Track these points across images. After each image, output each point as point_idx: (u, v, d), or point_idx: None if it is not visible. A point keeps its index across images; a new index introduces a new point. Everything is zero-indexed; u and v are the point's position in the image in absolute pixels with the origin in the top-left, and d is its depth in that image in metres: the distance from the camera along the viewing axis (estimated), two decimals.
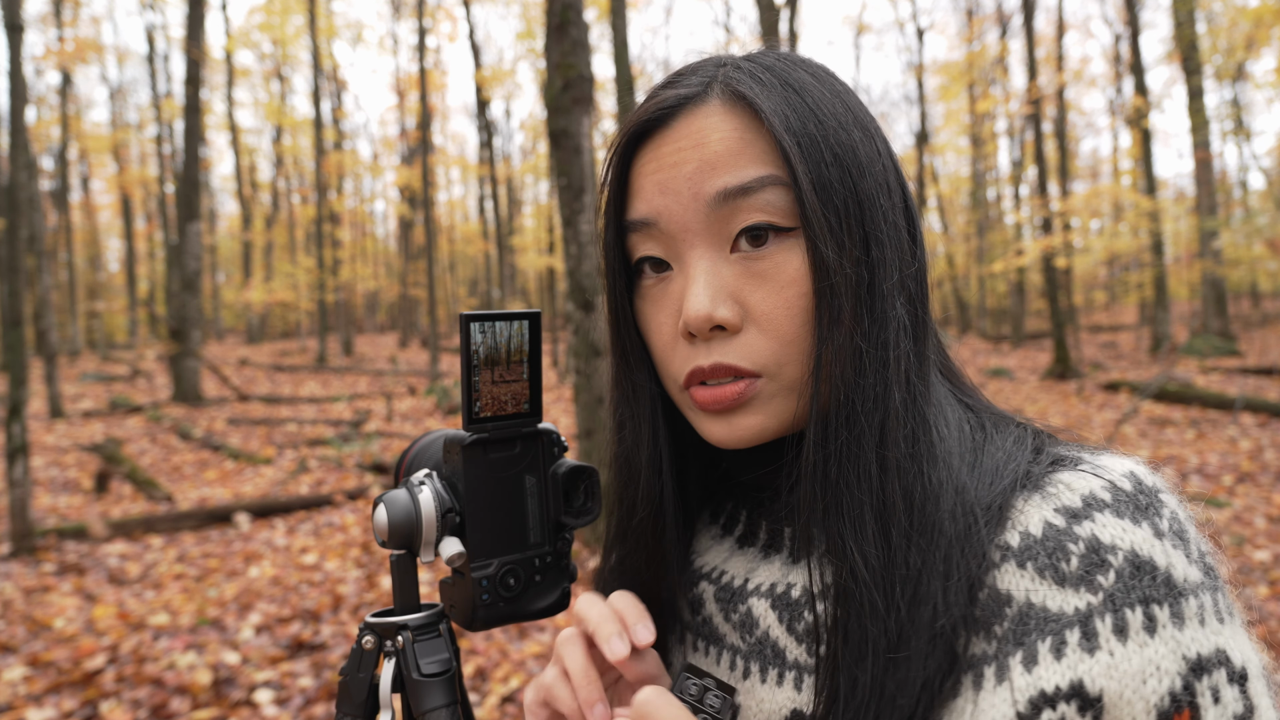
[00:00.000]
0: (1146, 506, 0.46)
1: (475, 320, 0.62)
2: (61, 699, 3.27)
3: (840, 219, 0.53)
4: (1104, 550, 0.45)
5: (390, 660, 0.67)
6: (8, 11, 5.94)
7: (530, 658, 3.59)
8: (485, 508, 0.66)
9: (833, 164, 0.53)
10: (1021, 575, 0.46)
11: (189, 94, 12.51)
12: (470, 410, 0.64)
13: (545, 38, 5.01)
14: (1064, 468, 0.50)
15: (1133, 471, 0.49)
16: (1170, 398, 9.06)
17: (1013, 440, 0.53)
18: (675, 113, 0.56)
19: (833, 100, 0.55)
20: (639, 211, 0.57)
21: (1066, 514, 0.47)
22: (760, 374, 0.54)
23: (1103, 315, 30.49)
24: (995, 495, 0.49)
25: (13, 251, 6.15)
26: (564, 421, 10.24)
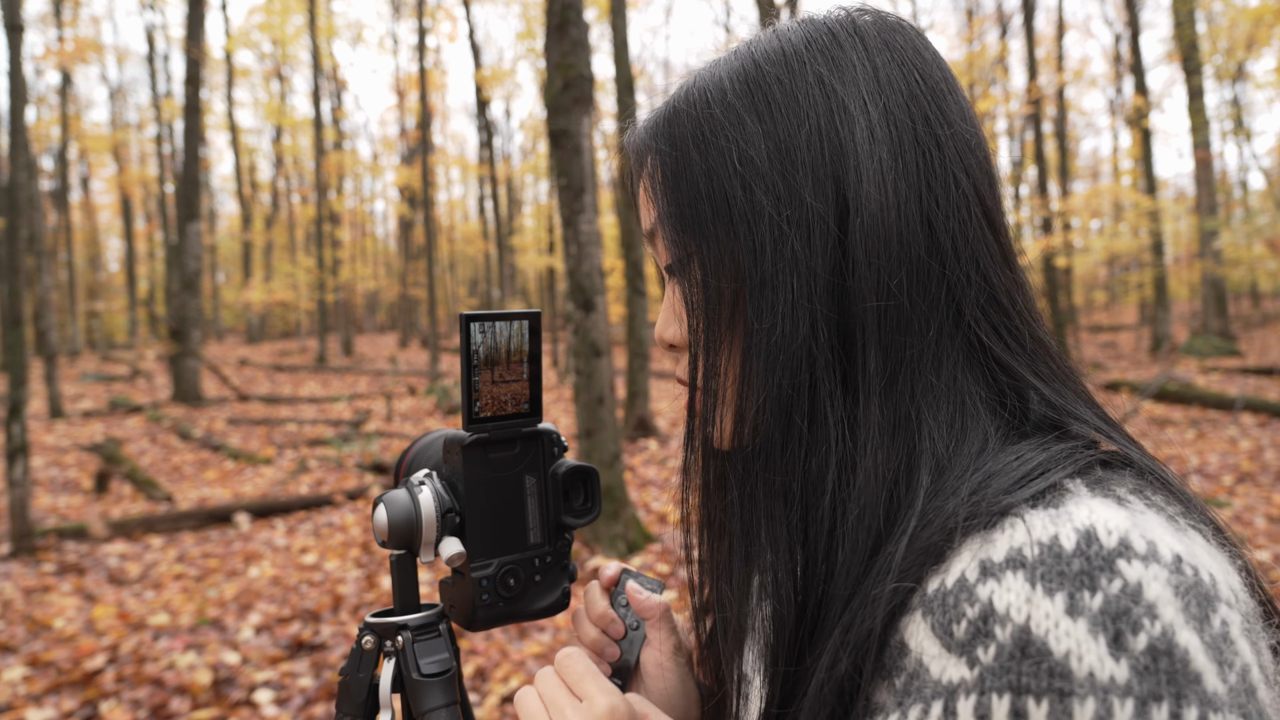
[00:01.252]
0: (1079, 574, 0.37)
1: (475, 320, 0.62)
2: (61, 699, 3.27)
3: (701, 239, 0.54)
4: (994, 619, 0.38)
5: (390, 660, 0.66)
6: (8, 11, 5.94)
7: (530, 658, 3.59)
8: (485, 508, 0.66)
9: (688, 188, 0.54)
10: (921, 628, 0.41)
11: (189, 94, 12.52)
12: (470, 410, 0.64)
13: (545, 38, 5.01)
14: (1037, 505, 0.42)
15: (1092, 526, 0.39)
16: (1170, 398, 9.06)
17: (1014, 461, 0.46)
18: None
19: (708, 118, 0.54)
20: (643, 226, 0.62)
21: (982, 567, 0.40)
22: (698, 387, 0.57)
23: (1103, 315, 30.49)
24: (937, 530, 0.43)
25: (13, 251, 6.15)
26: (564, 421, 10.24)
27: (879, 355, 0.49)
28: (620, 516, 5.05)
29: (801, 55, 0.54)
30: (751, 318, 0.52)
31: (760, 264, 0.51)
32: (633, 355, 8.57)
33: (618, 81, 8.85)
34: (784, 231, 0.51)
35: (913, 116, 0.52)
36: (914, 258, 0.50)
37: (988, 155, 0.56)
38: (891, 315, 0.49)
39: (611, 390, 5.06)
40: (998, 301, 0.52)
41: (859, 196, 0.50)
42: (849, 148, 0.51)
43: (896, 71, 0.53)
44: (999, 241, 0.54)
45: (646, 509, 6.07)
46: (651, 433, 8.72)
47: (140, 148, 29.69)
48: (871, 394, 0.49)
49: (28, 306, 9.86)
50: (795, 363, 0.50)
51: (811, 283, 0.50)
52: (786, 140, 0.52)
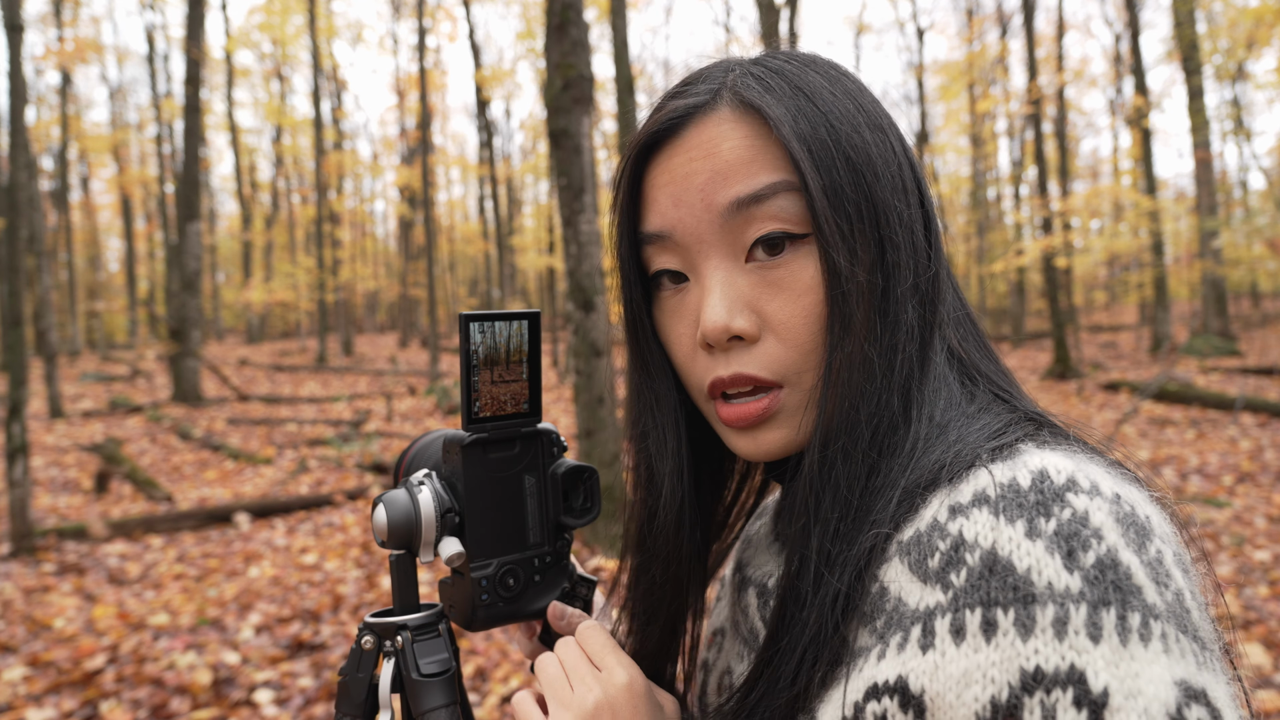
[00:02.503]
0: (1035, 504, 0.42)
1: (475, 320, 0.62)
2: (61, 699, 3.27)
3: (853, 224, 0.52)
4: (964, 548, 0.42)
5: (390, 660, 0.66)
6: (8, 11, 5.93)
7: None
8: (484, 508, 0.66)
9: (845, 168, 0.52)
10: (900, 570, 0.45)
11: (189, 94, 12.52)
12: (470, 410, 0.64)
13: (545, 37, 5.01)
14: (995, 459, 0.47)
15: (1044, 468, 0.44)
16: (1170, 398, 9.06)
17: (979, 428, 0.51)
18: (685, 122, 0.56)
19: (845, 101, 0.55)
20: (653, 225, 0.57)
21: (950, 509, 0.45)
22: (780, 383, 0.54)
23: (1103, 315, 30.49)
24: (915, 485, 0.48)
25: (12, 251, 6.15)
26: (564, 421, 10.24)
27: (930, 345, 0.55)
28: (620, 517, 5.05)
29: (845, 71, 0.58)
30: (878, 325, 0.53)
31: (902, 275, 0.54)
32: None
33: (618, 81, 8.85)
34: (915, 235, 0.55)
35: (905, 147, 0.58)
36: (942, 258, 0.57)
37: (921, 176, 0.62)
38: (931, 306, 0.55)
39: (611, 390, 5.06)
40: (958, 310, 0.60)
41: (930, 215, 0.57)
42: (910, 166, 0.57)
43: (866, 98, 0.58)
44: (938, 243, 0.59)
45: None
46: None
47: (140, 148, 29.71)
48: (930, 375, 0.54)
49: (28, 306, 9.85)
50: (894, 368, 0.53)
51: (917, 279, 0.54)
52: (898, 147, 0.56)
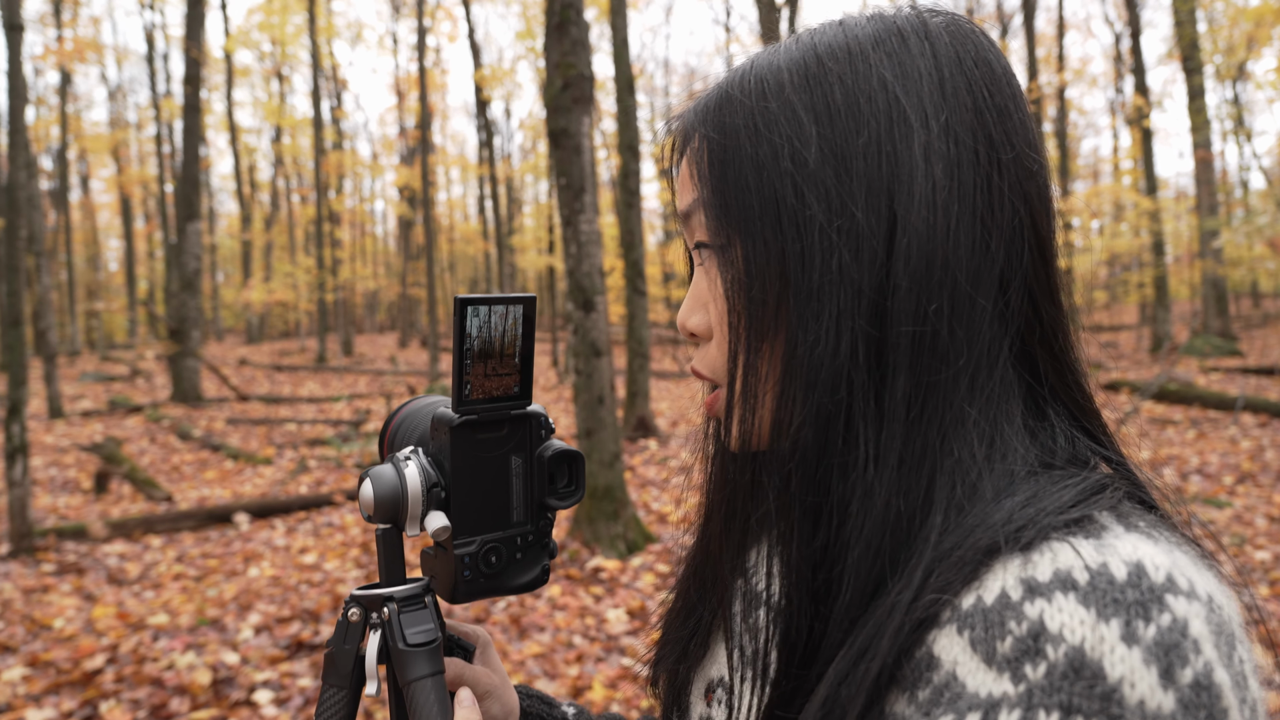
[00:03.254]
0: (1132, 604, 0.38)
1: (470, 304, 0.63)
2: (61, 699, 3.27)
3: (746, 233, 0.51)
4: (1045, 638, 0.38)
5: (376, 632, 0.67)
6: (7, 11, 5.93)
7: (530, 658, 3.59)
8: (470, 487, 0.67)
9: (735, 179, 0.52)
10: (955, 642, 0.41)
11: (188, 93, 12.51)
12: (460, 393, 0.65)
13: (545, 37, 5.01)
14: (1075, 533, 0.42)
15: (1140, 561, 0.39)
16: (1171, 398, 9.06)
17: (1055, 489, 0.46)
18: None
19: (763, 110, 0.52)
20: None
21: (1026, 586, 0.40)
22: (718, 382, 0.57)
23: (1103, 315, 30.48)
24: (969, 548, 0.43)
25: (12, 251, 6.15)
26: (564, 421, 10.23)
27: (908, 381, 0.48)
28: (620, 516, 5.05)
29: (868, 55, 0.51)
30: (795, 326, 0.50)
31: (808, 272, 0.49)
32: (633, 355, 8.56)
33: (618, 81, 8.84)
34: (834, 242, 0.49)
35: (975, 135, 0.50)
36: (957, 285, 0.48)
37: (1048, 183, 0.53)
38: (926, 342, 0.48)
39: (611, 390, 5.05)
40: (1043, 337, 0.52)
41: (908, 215, 0.48)
42: (904, 162, 0.49)
43: (963, 84, 0.51)
44: (1049, 275, 0.52)
45: (646, 509, 6.07)
46: (651, 433, 8.72)
47: (140, 147, 29.71)
48: (896, 421, 0.48)
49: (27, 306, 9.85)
50: (835, 379, 0.48)
51: (857, 299, 0.48)
52: (843, 146, 0.50)
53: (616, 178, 11.44)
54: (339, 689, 0.68)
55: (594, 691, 3.23)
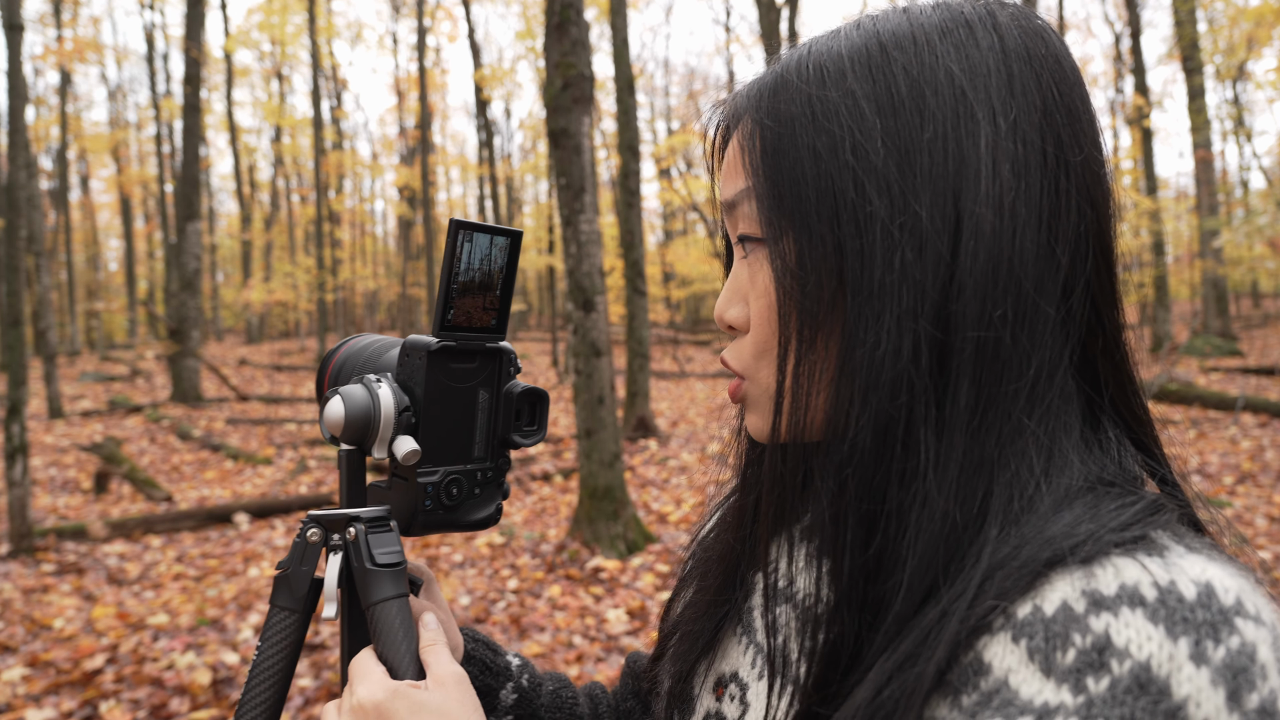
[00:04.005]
0: (1201, 623, 0.37)
1: (464, 228, 0.63)
2: (61, 699, 3.26)
3: (801, 227, 0.49)
4: (1110, 652, 0.37)
5: (337, 554, 0.65)
6: (7, 11, 5.93)
7: (530, 657, 3.58)
8: (438, 416, 0.67)
9: (790, 169, 0.50)
10: (1010, 651, 0.40)
11: (188, 93, 12.51)
12: (443, 316, 0.64)
13: (545, 37, 5.00)
14: (1137, 551, 0.41)
15: (1210, 581, 0.39)
16: (1171, 398, 9.06)
17: (1112, 505, 0.45)
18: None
19: (822, 99, 0.50)
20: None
21: (1091, 599, 0.39)
22: (744, 376, 0.55)
23: None
24: (1028, 559, 0.42)
25: (12, 251, 6.14)
26: (564, 421, 10.23)
27: (971, 390, 0.46)
28: (620, 516, 5.05)
29: (934, 45, 0.49)
30: (854, 326, 0.48)
31: (868, 270, 0.47)
32: (633, 355, 8.56)
33: (617, 81, 8.84)
34: (896, 239, 0.47)
35: (1043, 135, 0.48)
36: (1023, 290, 0.46)
37: (1111, 188, 0.52)
38: (990, 349, 0.46)
39: (611, 390, 5.05)
40: (1105, 346, 0.50)
41: (974, 215, 0.46)
42: (970, 160, 0.47)
43: (1032, 82, 0.49)
44: (1113, 282, 0.51)
45: (646, 509, 6.07)
46: (651, 433, 8.72)
47: (140, 147, 29.71)
48: (957, 430, 0.46)
49: (27, 306, 9.85)
50: (896, 383, 0.46)
51: (920, 300, 0.46)
52: (908, 141, 0.48)
53: (616, 178, 11.43)
54: (291, 612, 0.66)
55: None
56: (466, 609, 4.21)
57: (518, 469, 7.63)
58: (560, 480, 7.23)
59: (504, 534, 5.48)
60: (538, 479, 7.30)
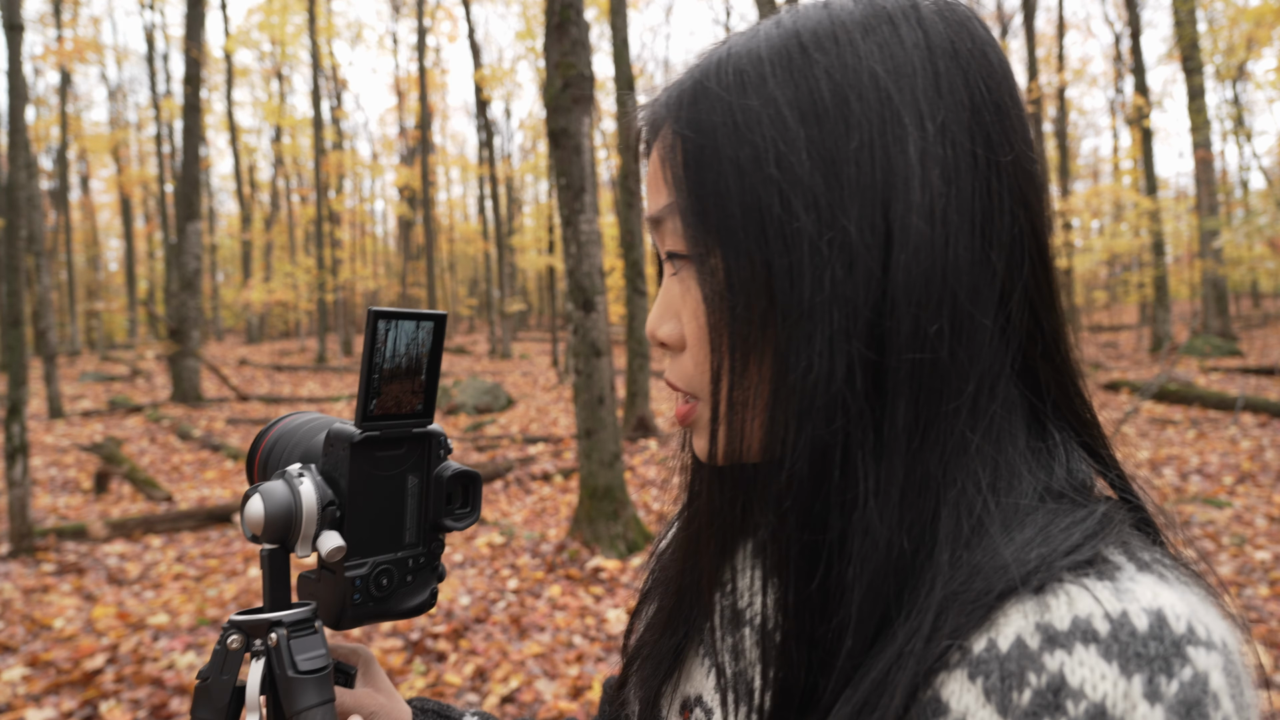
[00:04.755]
0: (1154, 658, 0.36)
1: (383, 317, 0.62)
2: (61, 699, 3.27)
3: (727, 246, 0.47)
4: (1065, 693, 0.36)
5: (259, 660, 0.63)
6: (7, 11, 5.93)
7: (530, 658, 3.59)
8: (365, 507, 0.65)
9: (713, 184, 0.47)
10: (968, 689, 0.39)
11: (188, 93, 12.51)
12: (365, 407, 0.63)
13: (545, 37, 5.01)
14: (1088, 574, 0.40)
15: (1161, 609, 0.38)
16: (1171, 398, 9.06)
17: (1064, 523, 0.43)
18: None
19: (744, 108, 0.47)
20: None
21: (1045, 634, 0.38)
22: (695, 395, 0.53)
23: (1103, 315, 30.49)
24: (981, 591, 0.41)
25: (12, 251, 6.15)
26: (564, 421, 10.24)
27: (909, 410, 0.44)
28: (620, 516, 5.05)
29: (857, 45, 0.46)
30: (785, 349, 0.45)
31: (797, 289, 0.45)
32: (633, 355, 8.57)
33: (617, 81, 8.85)
34: (825, 256, 0.44)
35: (972, 136, 0.46)
36: (958, 302, 0.44)
37: (1045, 184, 0.49)
38: (927, 367, 0.44)
39: (611, 390, 5.05)
40: (1045, 349, 0.48)
41: (905, 227, 0.44)
42: (899, 168, 0.45)
43: (959, 79, 0.46)
44: (1050, 281, 0.49)
45: (646, 509, 6.07)
46: (652, 432, 8.72)
47: (140, 147, 29.71)
48: (897, 453, 0.44)
49: (27, 306, 9.86)
50: (831, 408, 0.44)
51: (852, 319, 0.44)
52: (833, 151, 0.45)
53: (616, 178, 11.44)
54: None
55: (594, 691, 3.23)
56: (467, 609, 4.21)
57: (518, 469, 7.63)
58: (560, 480, 7.23)
59: (504, 534, 5.48)
60: (538, 479, 7.31)
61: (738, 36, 0.51)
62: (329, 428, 0.66)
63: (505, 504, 6.57)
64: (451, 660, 3.61)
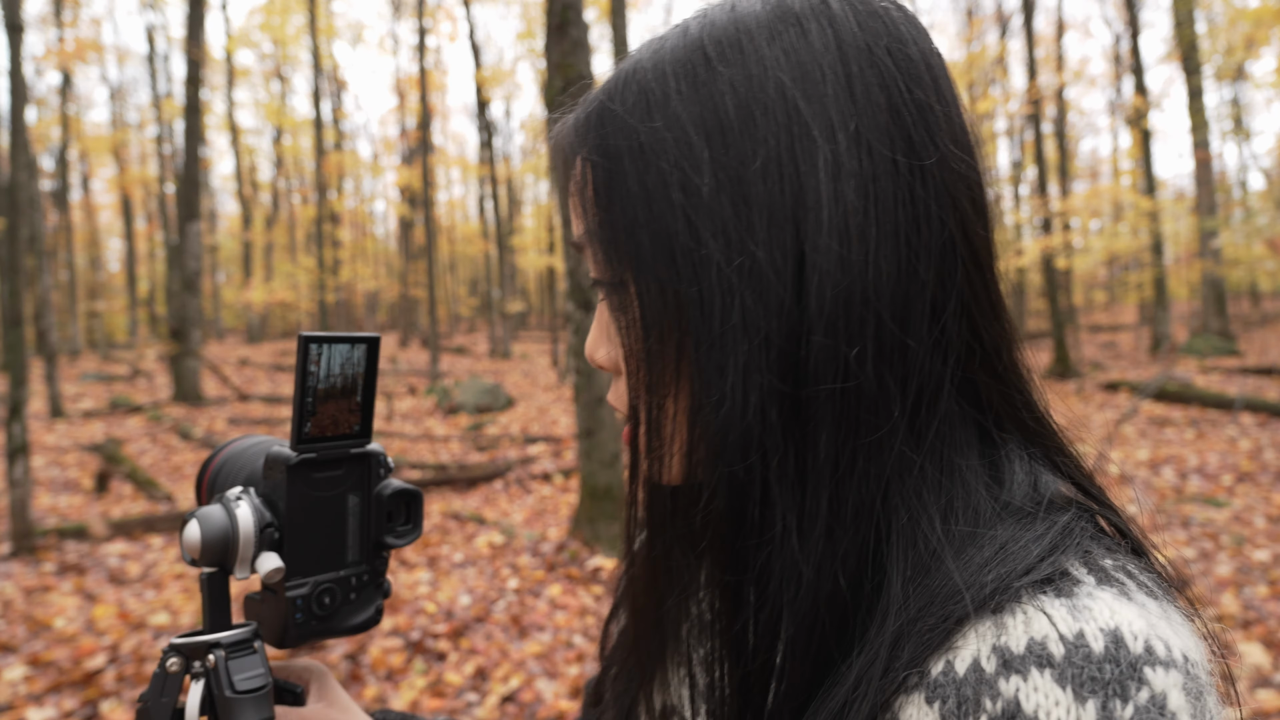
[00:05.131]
0: (1108, 682, 0.35)
1: (314, 342, 0.62)
2: (62, 698, 3.27)
3: (639, 275, 0.45)
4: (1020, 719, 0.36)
5: (199, 682, 0.63)
6: (8, 11, 5.94)
7: (530, 657, 3.60)
8: (305, 527, 0.66)
9: (623, 212, 0.45)
10: (925, 713, 0.38)
11: (189, 94, 12.51)
12: (299, 430, 0.63)
13: (545, 38, 5.01)
14: (1045, 592, 0.39)
15: (1118, 629, 0.37)
16: (1170, 397, 9.06)
17: (1021, 543, 0.42)
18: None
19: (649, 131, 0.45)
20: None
21: (1001, 658, 0.37)
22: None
23: (1103, 315, 30.49)
24: (938, 618, 0.40)
25: (13, 251, 6.15)
26: (564, 421, 10.25)
27: (831, 440, 0.42)
28: (620, 516, 5.06)
29: (763, 54, 0.44)
30: (699, 382, 0.43)
31: (708, 320, 0.43)
32: None
33: None
34: (733, 285, 0.42)
35: (892, 141, 0.43)
36: (882, 323, 0.42)
37: (981, 185, 0.47)
38: (851, 395, 0.42)
39: None
40: (984, 359, 0.46)
41: (816, 249, 0.41)
42: (809, 185, 0.42)
43: (875, 80, 0.43)
44: (988, 289, 0.46)
45: None
46: None
47: (141, 148, 29.69)
48: (821, 486, 0.42)
49: (28, 306, 9.86)
50: (746, 444, 0.42)
51: (764, 351, 0.42)
52: (739, 171, 0.43)
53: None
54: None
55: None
56: (467, 609, 4.22)
57: (518, 469, 7.64)
58: (560, 480, 7.24)
59: (504, 534, 5.49)
60: (538, 479, 7.31)
61: (646, 48, 0.49)
62: (268, 451, 0.66)
63: (505, 504, 6.58)
64: (452, 660, 3.62)
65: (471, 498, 6.77)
